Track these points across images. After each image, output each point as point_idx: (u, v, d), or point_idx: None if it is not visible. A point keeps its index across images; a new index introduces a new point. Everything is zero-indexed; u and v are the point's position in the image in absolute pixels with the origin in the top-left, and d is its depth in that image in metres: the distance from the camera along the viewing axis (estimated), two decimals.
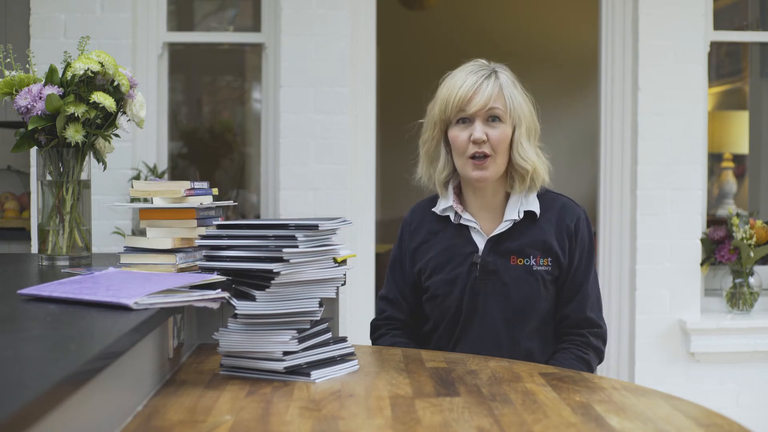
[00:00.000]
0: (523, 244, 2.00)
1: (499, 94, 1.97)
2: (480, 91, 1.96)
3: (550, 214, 2.03)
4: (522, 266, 1.99)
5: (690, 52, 3.82)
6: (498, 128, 1.97)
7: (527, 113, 2.01)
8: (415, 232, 2.11)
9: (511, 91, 1.99)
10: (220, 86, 6.23)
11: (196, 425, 1.34)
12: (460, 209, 2.04)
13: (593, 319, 2.03)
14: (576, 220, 2.03)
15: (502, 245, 2.01)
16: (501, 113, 1.97)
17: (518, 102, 1.99)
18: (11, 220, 4.31)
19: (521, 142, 1.99)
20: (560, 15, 6.78)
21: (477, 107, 1.95)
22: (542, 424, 1.35)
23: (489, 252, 2.01)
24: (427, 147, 2.06)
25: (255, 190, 5.04)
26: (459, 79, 1.99)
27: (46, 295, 1.56)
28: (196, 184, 1.88)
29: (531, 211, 2.01)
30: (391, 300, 2.13)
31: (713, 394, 3.80)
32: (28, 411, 0.91)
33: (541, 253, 1.99)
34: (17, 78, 2.14)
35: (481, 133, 1.95)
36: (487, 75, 1.99)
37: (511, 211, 2.01)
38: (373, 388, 1.56)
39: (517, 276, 1.99)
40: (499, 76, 2.00)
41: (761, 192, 4.78)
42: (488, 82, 1.97)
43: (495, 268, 2.00)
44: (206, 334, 2.01)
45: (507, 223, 2.01)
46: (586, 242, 2.04)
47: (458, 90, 1.97)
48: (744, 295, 3.85)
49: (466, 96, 1.96)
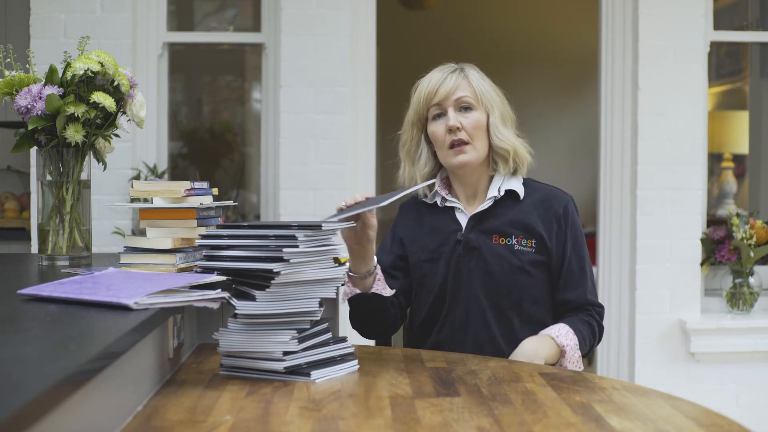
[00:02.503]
0: (504, 222, 2.06)
1: (466, 84, 2.06)
2: (445, 82, 2.05)
3: (535, 199, 2.09)
4: (504, 245, 2.05)
5: (690, 52, 3.82)
6: (471, 115, 2.05)
7: (498, 101, 2.09)
8: (404, 218, 2.19)
9: (478, 81, 2.08)
10: (220, 86, 6.23)
11: (196, 425, 1.34)
12: (445, 193, 2.11)
13: (594, 300, 2.10)
14: (565, 205, 2.09)
15: (483, 223, 2.07)
16: (472, 101, 2.05)
17: (487, 90, 2.08)
18: (11, 220, 4.31)
19: (497, 125, 2.06)
20: (560, 15, 6.78)
21: (443, 95, 2.04)
22: (542, 424, 1.35)
23: (471, 229, 2.07)
24: (407, 148, 2.14)
25: (255, 190, 5.04)
26: (427, 78, 2.09)
27: (46, 295, 1.56)
28: (196, 184, 1.88)
29: (513, 191, 2.07)
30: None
31: (713, 394, 3.80)
32: (28, 411, 0.91)
33: (523, 234, 2.05)
34: (17, 78, 2.14)
35: (454, 121, 2.03)
36: (452, 70, 2.08)
37: (493, 190, 2.08)
38: (373, 388, 1.56)
39: (499, 254, 2.04)
40: (464, 70, 2.09)
41: (761, 192, 4.78)
42: (453, 75, 2.07)
43: (477, 245, 2.05)
44: (206, 334, 2.01)
45: (489, 201, 2.07)
46: (577, 227, 2.10)
47: (426, 86, 2.07)
48: (744, 295, 3.85)
49: (434, 89, 2.05)
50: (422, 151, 2.12)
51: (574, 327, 2.01)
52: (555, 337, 1.96)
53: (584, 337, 2.02)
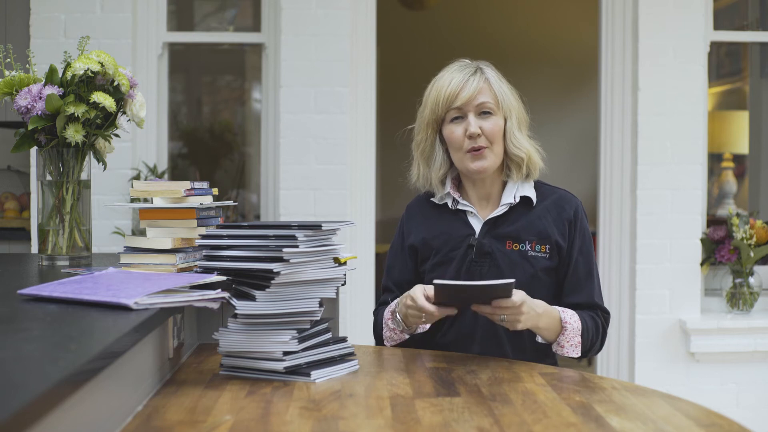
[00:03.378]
0: (518, 228, 2.03)
1: (488, 87, 2.03)
2: (467, 86, 2.00)
3: (548, 203, 2.07)
4: (517, 251, 2.03)
5: (690, 52, 3.82)
6: (491, 120, 2.01)
7: (516, 104, 2.06)
8: (413, 219, 2.15)
9: (498, 84, 2.04)
10: (220, 86, 6.23)
11: (196, 425, 1.34)
12: (457, 195, 2.08)
13: (601, 305, 2.08)
14: (575, 208, 2.07)
15: (497, 228, 2.04)
16: (492, 107, 2.02)
17: (507, 94, 2.04)
18: (11, 220, 4.31)
19: (514, 132, 2.04)
20: (560, 15, 6.78)
21: (465, 99, 2.00)
22: (542, 424, 1.35)
23: (485, 235, 2.04)
24: (421, 148, 2.10)
25: (255, 190, 5.04)
26: (446, 78, 2.04)
27: (46, 295, 1.56)
28: (196, 184, 1.88)
29: (527, 197, 2.05)
30: (386, 287, 2.16)
31: (713, 394, 3.80)
32: (28, 411, 0.91)
33: (537, 239, 2.03)
34: (17, 78, 2.14)
35: (475, 127, 1.99)
36: (472, 72, 2.04)
37: (508, 196, 2.06)
38: (373, 388, 1.56)
39: (512, 260, 2.02)
40: (484, 71, 2.05)
41: (761, 192, 4.78)
42: (474, 78, 2.02)
43: (490, 251, 2.03)
44: (206, 334, 2.01)
45: (503, 206, 2.04)
46: (586, 230, 2.08)
47: (446, 88, 2.01)
48: (744, 295, 3.85)
49: (455, 92, 2.00)
50: (437, 154, 2.08)
51: (581, 316, 2.00)
52: (560, 311, 1.96)
53: (588, 328, 1.99)
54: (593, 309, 2.06)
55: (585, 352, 2.00)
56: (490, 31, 6.71)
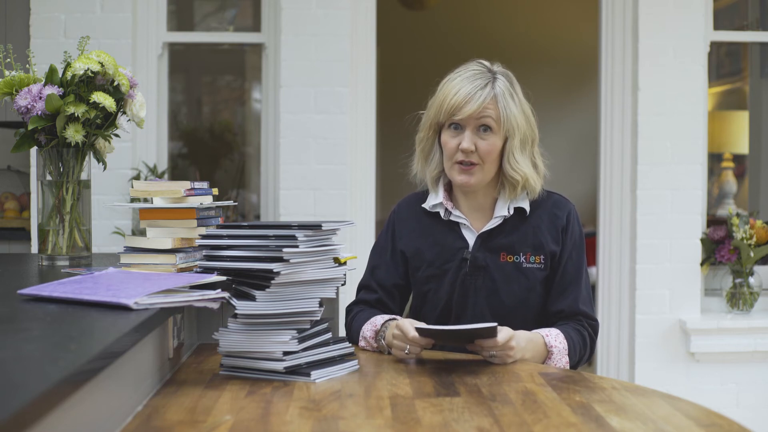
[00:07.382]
0: (513, 240, 2.01)
1: (493, 104, 1.96)
2: (473, 100, 1.95)
3: (541, 211, 2.04)
4: (512, 263, 2.01)
5: (690, 52, 3.82)
6: (488, 139, 1.97)
7: (522, 123, 1.99)
8: (405, 223, 2.11)
9: (505, 101, 1.97)
10: (220, 86, 6.23)
11: (196, 425, 1.34)
12: (450, 206, 2.06)
13: (587, 312, 2.04)
14: (567, 213, 2.04)
15: (492, 241, 2.02)
16: (492, 123, 1.96)
17: (512, 113, 1.97)
18: (11, 220, 4.31)
19: (513, 153, 1.98)
20: (560, 15, 6.78)
21: (466, 115, 1.95)
22: (542, 424, 1.35)
23: (479, 248, 2.02)
24: (422, 146, 2.09)
25: (255, 190, 5.04)
26: (456, 84, 1.99)
27: (46, 295, 1.56)
28: (196, 184, 1.88)
29: (521, 208, 2.03)
30: (367, 286, 2.12)
31: (713, 394, 3.80)
32: (28, 411, 0.91)
33: (532, 251, 2.00)
34: (17, 78, 2.14)
35: (469, 143, 1.95)
36: (483, 85, 1.97)
37: (501, 208, 2.02)
38: (373, 388, 1.56)
39: (507, 273, 2.00)
40: (496, 85, 1.98)
41: (761, 192, 4.78)
42: (483, 92, 1.96)
43: (485, 264, 2.01)
44: (206, 334, 2.01)
45: (497, 219, 2.02)
46: (577, 236, 2.05)
47: (451, 98, 1.96)
48: (744, 295, 3.85)
49: (458, 104, 1.95)
50: (434, 154, 2.07)
51: (566, 333, 1.96)
52: (545, 335, 1.93)
53: (575, 344, 1.96)
54: (576, 317, 2.02)
55: (573, 367, 1.97)
56: (490, 31, 6.71)
